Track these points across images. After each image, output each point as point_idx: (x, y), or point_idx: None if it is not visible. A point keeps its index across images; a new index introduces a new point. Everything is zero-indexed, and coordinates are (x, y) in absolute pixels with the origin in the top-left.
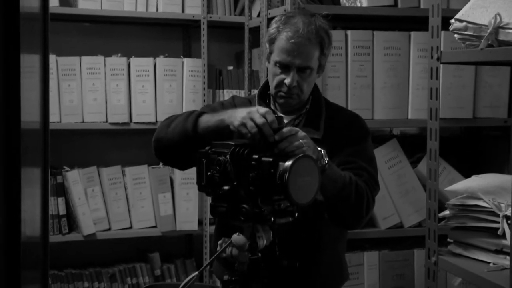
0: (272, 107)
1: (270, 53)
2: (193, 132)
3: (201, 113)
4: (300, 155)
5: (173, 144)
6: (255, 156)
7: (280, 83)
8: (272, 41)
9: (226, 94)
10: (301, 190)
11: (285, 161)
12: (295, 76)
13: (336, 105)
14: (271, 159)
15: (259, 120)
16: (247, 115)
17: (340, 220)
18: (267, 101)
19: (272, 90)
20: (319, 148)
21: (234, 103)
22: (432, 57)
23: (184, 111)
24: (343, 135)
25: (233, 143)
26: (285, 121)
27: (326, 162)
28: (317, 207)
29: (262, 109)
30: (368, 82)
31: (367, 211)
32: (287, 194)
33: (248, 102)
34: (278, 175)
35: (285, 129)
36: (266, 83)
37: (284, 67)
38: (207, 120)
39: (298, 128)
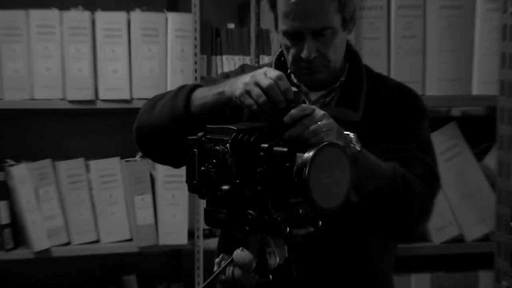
0: (295, 81)
1: (276, 20)
2: (185, 113)
3: (195, 87)
4: (324, 143)
5: (160, 132)
6: (265, 145)
7: (297, 58)
8: (273, 5)
9: (226, 62)
10: (326, 190)
11: (304, 152)
12: (312, 44)
13: (382, 76)
14: (285, 149)
15: (266, 81)
16: (251, 80)
17: (382, 228)
18: (287, 72)
19: (290, 66)
20: (347, 132)
21: (244, 73)
22: (505, 11)
23: (169, 85)
24: (391, 115)
25: (235, 127)
26: (312, 98)
27: (358, 149)
28: (350, 211)
29: (272, 71)
30: (418, 46)
31: (421, 214)
32: (307, 196)
33: None
34: (296, 170)
35: (293, 110)
36: None
37: (295, 36)
38: (202, 95)
39: (313, 106)
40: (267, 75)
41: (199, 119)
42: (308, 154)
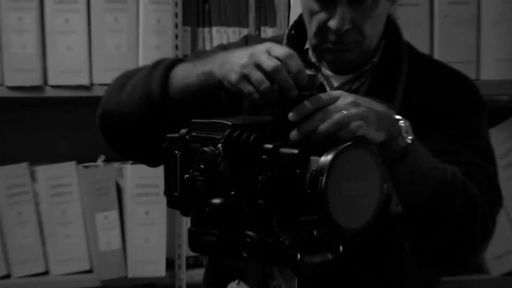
0: (313, 60)
1: None
2: (162, 96)
3: (176, 62)
4: (347, 144)
5: (130, 121)
6: (269, 146)
7: (323, 28)
8: None
9: (217, 35)
10: (349, 205)
11: (321, 154)
12: (346, 12)
13: (429, 58)
14: (296, 151)
15: (270, 62)
16: (250, 60)
17: (431, 253)
18: (304, 48)
19: (311, 40)
20: (398, 117)
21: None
22: None
23: (140, 64)
24: (439, 109)
25: (229, 122)
26: (335, 84)
27: (409, 141)
28: (389, 228)
29: (278, 48)
30: (470, 14)
31: (483, 237)
32: (324, 213)
33: None
34: (309, 179)
35: (305, 102)
36: (302, 19)
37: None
38: (184, 74)
39: (340, 91)
40: (271, 53)
41: (180, 106)
42: (326, 158)
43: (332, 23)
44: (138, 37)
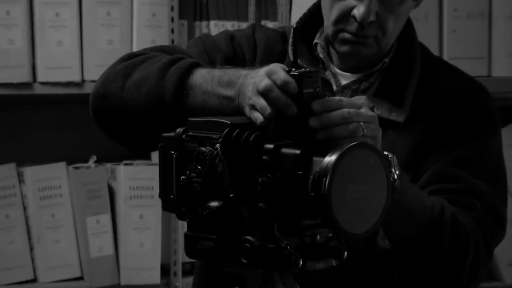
0: (321, 56)
1: None
2: (174, 104)
3: (193, 66)
4: (352, 144)
5: (131, 111)
6: (269, 146)
7: (345, 16)
8: None
9: (215, 30)
10: (354, 208)
11: (324, 155)
12: (373, 3)
13: (444, 63)
14: (297, 151)
15: (261, 84)
16: (253, 90)
17: (421, 287)
18: (313, 43)
19: (328, 26)
20: (386, 153)
21: (254, 37)
22: None
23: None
24: (448, 124)
25: (228, 122)
26: (343, 82)
27: (396, 176)
28: (380, 260)
29: (279, 72)
30: (480, 8)
31: (474, 273)
32: (328, 217)
33: (280, 38)
34: (312, 182)
35: (314, 103)
36: (316, 8)
37: None
38: (203, 89)
39: (363, 99)
40: (269, 77)
41: (192, 114)
42: (330, 159)
43: (357, 12)
44: (132, 32)
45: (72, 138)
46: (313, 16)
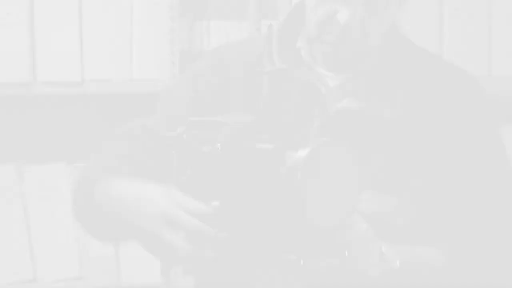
0: (306, 57)
1: None
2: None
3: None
4: (324, 139)
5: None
6: (248, 144)
7: (329, 19)
8: None
9: (215, 29)
10: (325, 202)
11: (297, 149)
12: (358, 7)
13: (430, 54)
14: (270, 146)
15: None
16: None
17: None
18: (297, 46)
19: (311, 30)
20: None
21: (223, 66)
22: None
23: (134, 63)
24: (443, 116)
25: (228, 121)
26: (330, 84)
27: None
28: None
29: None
30: (480, 4)
31: None
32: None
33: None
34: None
35: None
36: (297, 10)
37: None
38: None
39: None
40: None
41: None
42: (302, 153)
43: (342, 17)
44: (131, 31)
45: (72, 138)
46: (295, 18)
